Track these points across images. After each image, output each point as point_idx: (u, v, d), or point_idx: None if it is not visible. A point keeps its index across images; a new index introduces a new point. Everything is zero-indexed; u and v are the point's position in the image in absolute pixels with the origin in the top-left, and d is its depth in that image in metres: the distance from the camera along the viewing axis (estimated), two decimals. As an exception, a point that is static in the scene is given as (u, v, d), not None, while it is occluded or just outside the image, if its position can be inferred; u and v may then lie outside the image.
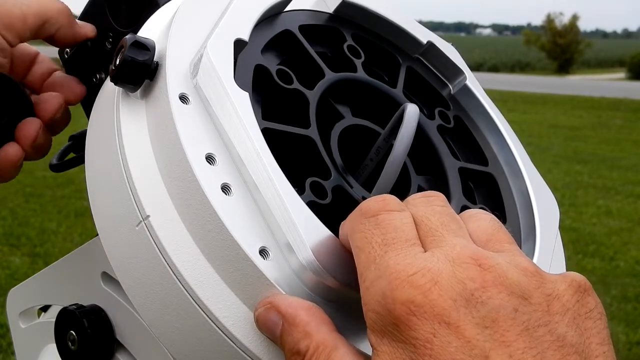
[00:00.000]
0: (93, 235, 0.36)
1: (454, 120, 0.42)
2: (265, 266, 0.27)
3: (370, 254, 0.25)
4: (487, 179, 0.41)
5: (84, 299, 0.39)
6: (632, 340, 2.83)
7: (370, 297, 0.24)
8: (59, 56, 0.47)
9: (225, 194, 0.28)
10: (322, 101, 0.35)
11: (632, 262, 3.78)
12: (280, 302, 0.27)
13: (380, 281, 0.24)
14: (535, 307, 0.23)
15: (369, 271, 0.25)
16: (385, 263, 0.24)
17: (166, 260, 0.28)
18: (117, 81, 0.31)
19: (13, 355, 0.50)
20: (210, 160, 0.29)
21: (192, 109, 0.30)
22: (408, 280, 0.23)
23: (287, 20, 0.38)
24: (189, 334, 0.29)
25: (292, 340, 0.26)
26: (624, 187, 5.72)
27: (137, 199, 0.29)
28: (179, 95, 0.30)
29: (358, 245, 0.26)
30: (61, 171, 0.48)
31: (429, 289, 0.23)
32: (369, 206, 0.27)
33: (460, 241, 0.25)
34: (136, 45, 0.31)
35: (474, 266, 0.24)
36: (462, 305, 0.23)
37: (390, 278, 0.23)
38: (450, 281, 0.23)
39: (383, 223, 0.26)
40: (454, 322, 0.22)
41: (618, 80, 24.76)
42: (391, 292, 0.23)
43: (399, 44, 0.43)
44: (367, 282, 0.25)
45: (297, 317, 0.26)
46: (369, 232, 0.26)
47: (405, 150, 0.31)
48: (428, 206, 0.27)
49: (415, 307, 0.23)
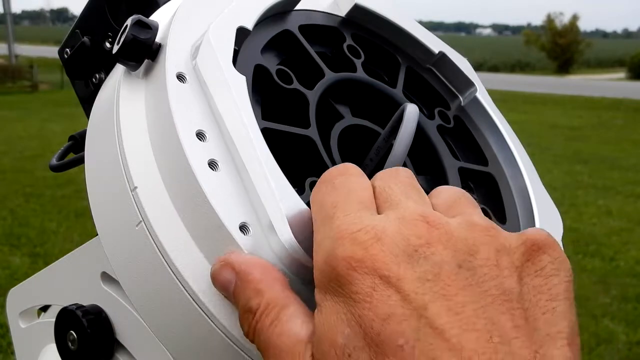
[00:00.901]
0: (93, 235, 0.36)
1: (454, 120, 0.42)
2: (244, 241, 0.27)
3: (324, 216, 0.25)
4: (487, 179, 0.41)
5: (84, 299, 0.39)
6: (632, 340, 2.83)
7: (317, 256, 0.24)
8: (59, 56, 0.47)
9: (212, 169, 0.28)
10: (322, 101, 0.35)
11: (632, 262, 3.78)
12: (234, 260, 0.27)
13: (326, 241, 0.24)
14: (482, 262, 0.23)
15: (319, 232, 0.25)
16: (332, 223, 0.25)
17: (166, 260, 0.28)
18: (119, 58, 0.32)
19: (13, 355, 0.50)
20: (200, 136, 0.29)
21: (188, 87, 0.30)
22: (351, 237, 0.23)
23: (289, 19, 0.38)
24: (189, 333, 0.29)
25: (244, 298, 0.26)
26: (624, 187, 5.72)
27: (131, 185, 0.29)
28: (176, 74, 0.30)
29: (313, 209, 0.26)
30: (61, 171, 0.48)
31: (370, 244, 0.23)
32: (329, 172, 0.27)
33: (415, 205, 0.25)
34: (139, 24, 0.32)
35: (422, 223, 0.24)
36: (403, 260, 0.23)
37: (335, 237, 0.24)
38: (394, 237, 0.23)
39: (339, 186, 0.26)
40: (394, 276, 0.22)
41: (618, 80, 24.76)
42: (333, 250, 0.23)
43: (411, 52, 0.43)
44: (317, 241, 0.25)
45: (249, 274, 0.26)
46: (324, 195, 0.26)
47: (405, 150, 0.31)
48: (392, 177, 0.27)
49: (356, 262, 0.23)
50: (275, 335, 0.25)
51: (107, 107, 0.33)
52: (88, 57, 0.44)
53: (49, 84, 14.11)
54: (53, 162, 0.48)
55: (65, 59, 0.46)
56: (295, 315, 0.26)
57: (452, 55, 0.43)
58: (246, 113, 0.29)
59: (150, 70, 0.32)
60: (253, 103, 0.33)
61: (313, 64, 0.37)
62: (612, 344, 2.78)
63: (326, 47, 0.40)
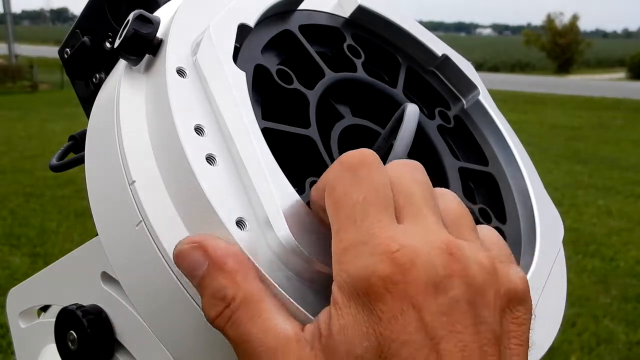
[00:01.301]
0: (93, 235, 0.36)
1: (454, 120, 0.42)
2: (239, 235, 0.27)
3: (351, 214, 0.25)
4: (487, 179, 0.41)
5: (84, 299, 0.39)
6: (632, 340, 2.83)
7: (349, 260, 0.24)
8: (59, 56, 0.47)
9: (210, 164, 0.28)
10: (322, 101, 0.35)
11: (632, 262, 3.78)
12: (209, 244, 0.26)
13: (362, 248, 0.24)
14: (485, 304, 0.25)
15: (348, 232, 0.25)
16: (367, 230, 0.25)
17: (166, 260, 0.28)
18: (120, 52, 0.32)
19: (13, 355, 0.50)
20: (199, 131, 0.29)
21: (188, 82, 0.30)
22: (391, 257, 0.24)
23: (290, 19, 0.38)
24: (189, 333, 0.29)
25: (217, 286, 0.26)
26: (624, 187, 5.72)
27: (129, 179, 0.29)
28: (176, 69, 0.30)
29: (337, 199, 0.26)
30: (61, 171, 0.48)
31: (407, 269, 0.24)
32: (349, 158, 0.26)
33: (435, 222, 0.26)
34: (141, 19, 0.32)
35: (446, 253, 0.25)
36: (430, 290, 0.24)
37: (374, 250, 0.24)
38: (425, 265, 0.24)
39: (364, 180, 0.26)
40: (420, 305, 0.23)
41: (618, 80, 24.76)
42: (374, 264, 0.24)
43: (414, 54, 0.43)
44: (346, 243, 0.25)
45: (226, 263, 0.26)
46: (349, 187, 0.26)
47: (405, 150, 0.31)
48: (409, 173, 0.27)
49: (393, 284, 0.23)
50: (260, 331, 0.25)
51: (108, 107, 0.33)
52: (88, 57, 0.44)
53: (49, 84, 14.12)
54: (53, 162, 0.48)
55: (66, 58, 0.46)
56: (275, 310, 0.26)
57: (456, 58, 0.43)
58: (245, 109, 0.29)
59: (151, 65, 0.32)
60: (253, 103, 0.33)
61: (313, 64, 0.37)
62: (612, 344, 2.78)
63: (326, 47, 0.40)
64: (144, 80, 0.32)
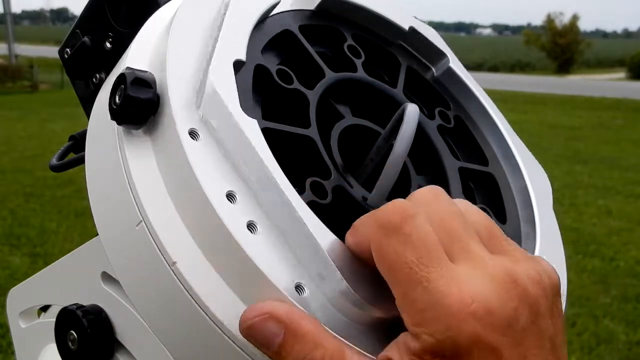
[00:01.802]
0: (93, 235, 0.36)
1: (454, 120, 0.42)
2: (302, 302, 0.27)
3: (413, 276, 0.26)
4: (487, 178, 0.41)
5: (84, 299, 0.39)
6: (632, 340, 2.83)
7: (430, 323, 0.25)
8: (59, 56, 0.47)
9: (251, 232, 0.28)
10: (322, 101, 0.35)
11: (632, 262, 3.78)
12: (279, 311, 0.26)
13: (439, 310, 0.25)
14: (542, 316, 0.26)
15: (417, 293, 0.25)
16: (435, 289, 0.25)
17: (166, 260, 0.28)
18: (121, 122, 0.30)
19: (13, 355, 0.50)
20: (230, 198, 0.28)
21: (202, 145, 0.29)
22: (470, 314, 0.25)
23: (285, 20, 0.38)
24: (189, 334, 0.29)
25: (302, 351, 0.26)
26: (624, 187, 5.73)
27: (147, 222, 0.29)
28: (188, 132, 0.29)
29: (391, 264, 0.26)
30: (61, 171, 0.48)
31: (486, 319, 0.25)
32: (388, 219, 0.26)
33: (482, 251, 0.27)
34: (137, 83, 0.30)
35: (509, 285, 0.26)
36: (506, 330, 0.25)
37: (451, 310, 0.25)
38: (499, 308, 0.25)
39: (409, 238, 0.26)
40: (499, 347, 0.25)
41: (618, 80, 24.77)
42: (457, 326, 0.25)
43: (381, 32, 0.42)
44: (420, 305, 0.25)
45: (303, 327, 0.26)
46: (399, 249, 0.26)
47: (405, 150, 0.31)
48: (438, 205, 0.28)
49: (477, 338, 0.25)
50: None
51: (108, 108, 0.33)
52: (88, 57, 0.44)
53: (49, 84, 14.12)
54: (53, 162, 0.48)
55: (66, 59, 0.46)
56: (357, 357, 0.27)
57: (423, 29, 0.43)
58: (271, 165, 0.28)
59: (155, 126, 0.30)
60: (254, 103, 0.33)
61: (313, 64, 0.37)
62: (612, 344, 2.79)
63: (326, 47, 0.40)
64: (149, 141, 0.30)
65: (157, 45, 0.33)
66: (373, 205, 0.32)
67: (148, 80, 0.30)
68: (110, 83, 0.32)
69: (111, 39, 0.43)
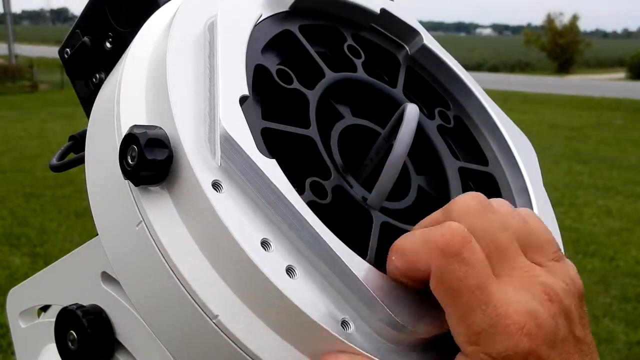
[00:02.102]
0: (93, 235, 0.36)
1: (454, 120, 0.42)
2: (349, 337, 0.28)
3: (472, 300, 0.27)
4: (487, 178, 0.41)
5: (84, 299, 0.39)
6: (632, 340, 2.83)
7: (489, 344, 0.27)
8: (59, 56, 0.47)
9: (290, 276, 0.28)
10: (322, 101, 0.35)
11: (632, 262, 3.78)
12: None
13: (497, 330, 0.27)
14: (575, 322, 0.29)
15: (477, 317, 0.27)
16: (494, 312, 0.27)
17: (166, 260, 0.28)
18: (139, 184, 0.29)
19: (13, 355, 0.50)
20: (265, 246, 0.28)
21: (227, 195, 0.28)
22: (524, 333, 0.27)
23: (289, 19, 0.38)
24: (189, 334, 0.29)
25: None
26: (624, 187, 5.73)
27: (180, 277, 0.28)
28: (211, 184, 0.28)
29: (452, 288, 0.27)
30: (61, 171, 0.48)
31: (537, 336, 0.27)
32: (449, 242, 0.28)
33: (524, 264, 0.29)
34: (151, 144, 0.29)
35: (548, 301, 0.28)
36: (552, 342, 0.28)
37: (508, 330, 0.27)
38: (545, 323, 0.28)
39: (469, 262, 0.27)
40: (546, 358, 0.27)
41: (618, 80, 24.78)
42: (514, 345, 0.27)
43: (355, 18, 0.42)
44: (479, 327, 0.27)
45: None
46: (461, 274, 0.27)
47: (405, 150, 0.31)
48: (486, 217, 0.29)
49: (529, 354, 0.27)
50: None
51: (108, 107, 0.33)
52: (88, 57, 0.44)
53: (49, 84, 14.12)
54: (53, 162, 0.48)
55: (66, 59, 0.46)
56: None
57: (395, 10, 0.43)
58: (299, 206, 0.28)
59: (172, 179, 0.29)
60: (253, 103, 0.33)
61: (313, 64, 0.37)
62: (612, 344, 2.79)
63: (326, 47, 0.40)
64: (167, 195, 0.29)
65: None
66: (373, 205, 0.32)
67: (162, 138, 0.29)
68: (111, 82, 0.32)
69: (111, 39, 0.43)
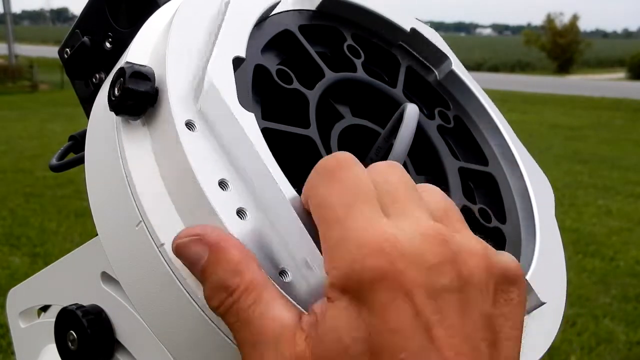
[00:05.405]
0: (93, 235, 0.36)
1: (454, 120, 0.42)
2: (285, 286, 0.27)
3: (332, 213, 0.25)
4: (487, 179, 0.41)
5: (84, 299, 0.39)
6: (632, 340, 2.83)
7: (338, 257, 0.24)
8: (59, 56, 0.47)
9: (241, 218, 0.28)
10: (322, 101, 0.35)
11: (632, 262, 3.78)
12: (209, 236, 0.27)
13: (349, 243, 0.24)
14: (475, 287, 0.25)
15: (334, 230, 0.25)
16: (351, 225, 0.25)
17: (166, 260, 0.28)
18: (119, 112, 0.31)
19: (13, 355, 0.50)
20: (223, 186, 0.28)
21: (199, 135, 0.29)
22: (378, 248, 0.24)
23: (285, 20, 0.38)
24: (189, 334, 0.29)
25: (220, 276, 0.26)
26: (624, 187, 5.73)
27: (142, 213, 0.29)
28: (185, 123, 0.29)
29: (318, 203, 0.26)
30: (61, 171, 0.48)
31: (396, 258, 0.24)
32: (324, 164, 0.27)
33: (424, 214, 0.26)
34: (136, 76, 0.30)
35: (437, 240, 0.25)
36: (421, 278, 0.24)
37: (361, 244, 0.24)
38: (415, 253, 0.24)
39: (342, 180, 0.26)
40: (411, 293, 0.23)
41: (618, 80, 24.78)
42: (362, 258, 0.24)
43: (382, 32, 0.42)
44: (333, 241, 0.25)
45: (228, 253, 0.26)
46: (328, 189, 0.26)
47: (405, 150, 0.31)
48: (390, 170, 0.27)
49: (382, 275, 0.23)
50: (257, 316, 0.25)
51: (108, 107, 0.33)
52: (88, 57, 0.44)
53: (49, 84, 14.12)
54: (53, 162, 0.48)
55: (65, 59, 0.46)
56: (276, 298, 0.26)
57: (424, 30, 0.43)
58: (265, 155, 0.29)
59: (153, 117, 0.31)
60: (253, 103, 0.33)
61: (313, 64, 0.37)
62: (612, 344, 2.79)
63: (326, 47, 0.40)
64: (147, 132, 0.31)
65: (156, 44, 0.34)
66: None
67: (147, 73, 0.31)
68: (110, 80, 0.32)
69: (111, 39, 0.43)
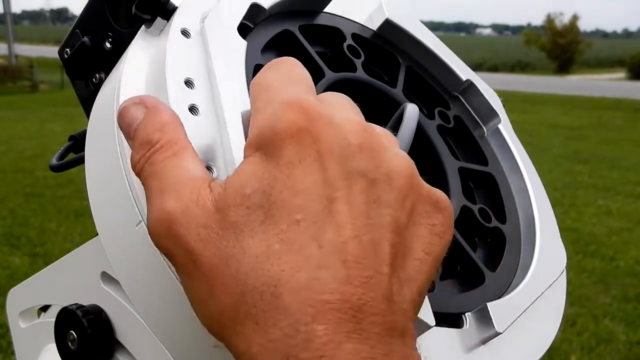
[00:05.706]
0: (93, 235, 0.36)
1: (454, 120, 0.42)
2: None
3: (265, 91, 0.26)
4: (487, 178, 0.41)
5: (84, 299, 0.39)
6: (632, 340, 2.83)
7: (260, 118, 0.24)
8: (59, 56, 0.47)
9: (193, 114, 0.29)
10: (322, 101, 0.35)
11: (632, 262, 3.78)
12: (147, 100, 0.28)
13: (273, 104, 0.24)
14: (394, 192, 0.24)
15: (262, 98, 0.25)
16: (277, 90, 0.25)
17: (166, 260, 0.28)
18: (136, 11, 0.33)
19: (13, 355, 0.50)
20: (188, 84, 0.30)
21: (190, 42, 0.31)
22: (299, 105, 0.24)
23: (290, 19, 0.38)
24: (189, 334, 0.29)
25: (146, 132, 0.27)
26: (624, 187, 5.72)
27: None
28: (181, 30, 0.32)
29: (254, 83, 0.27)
30: (61, 171, 0.48)
31: (316, 118, 0.23)
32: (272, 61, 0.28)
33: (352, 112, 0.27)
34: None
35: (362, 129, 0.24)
36: (338, 149, 0.23)
37: (282, 101, 0.24)
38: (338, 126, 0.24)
39: (283, 69, 0.27)
40: (324, 160, 0.23)
41: (618, 80, 24.79)
42: (281, 112, 0.24)
43: (441, 78, 0.43)
44: (259, 106, 0.25)
45: (160, 113, 0.27)
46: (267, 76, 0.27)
47: (405, 150, 0.31)
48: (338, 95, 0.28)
49: (298, 129, 0.23)
50: (170, 167, 0.26)
51: (108, 107, 0.33)
52: (88, 57, 0.44)
53: (49, 84, 14.12)
54: (53, 162, 0.48)
55: (65, 59, 0.46)
56: (193, 157, 0.26)
57: (479, 84, 0.44)
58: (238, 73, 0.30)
59: (164, 30, 0.33)
60: None
61: (313, 64, 0.37)
62: (612, 344, 2.79)
63: (326, 47, 0.40)
64: (155, 42, 0.33)
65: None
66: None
67: None
68: (111, 82, 0.32)
69: (111, 39, 0.43)
